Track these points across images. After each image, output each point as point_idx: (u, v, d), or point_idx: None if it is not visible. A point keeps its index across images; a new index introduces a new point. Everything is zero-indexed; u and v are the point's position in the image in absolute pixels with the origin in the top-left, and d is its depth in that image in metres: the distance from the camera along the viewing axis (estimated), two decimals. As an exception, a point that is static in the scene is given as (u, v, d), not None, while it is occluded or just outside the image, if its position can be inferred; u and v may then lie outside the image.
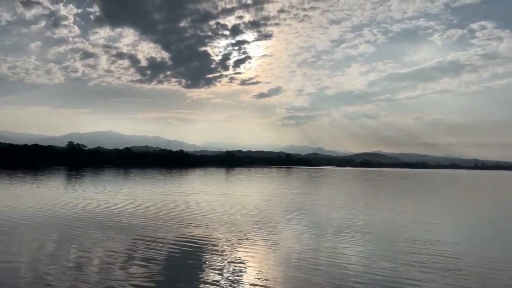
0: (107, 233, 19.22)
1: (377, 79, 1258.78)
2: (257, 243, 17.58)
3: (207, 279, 12.15)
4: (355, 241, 18.54)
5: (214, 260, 14.46)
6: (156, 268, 13.16)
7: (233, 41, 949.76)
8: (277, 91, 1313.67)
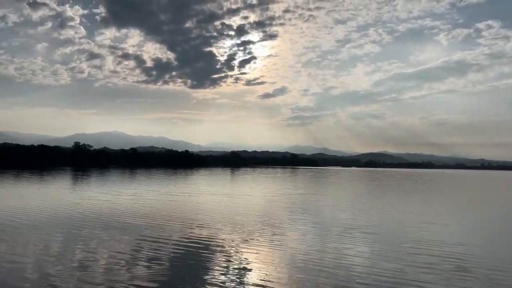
0: (111, 233, 19.24)
1: (382, 79, 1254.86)
2: (261, 244, 17.51)
3: (211, 280, 12.09)
4: (360, 241, 18.41)
5: (219, 260, 14.41)
6: (160, 269, 13.13)
7: (238, 41, 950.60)
8: (282, 91, 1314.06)
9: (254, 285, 11.77)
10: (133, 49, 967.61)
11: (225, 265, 13.83)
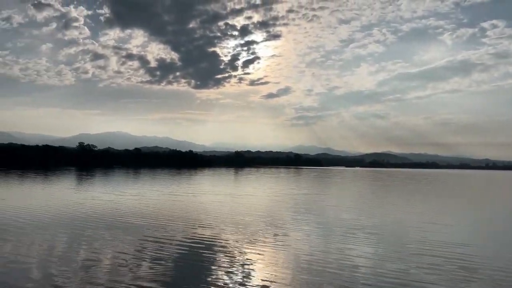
0: (115, 233, 19.27)
1: (386, 78, 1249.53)
2: (265, 244, 17.48)
3: (215, 280, 12.08)
4: (364, 242, 18.34)
5: (222, 261, 14.40)
6: (164, 269, 13.13)
7: (242, 41, 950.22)
8: (286, 91, 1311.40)
9: (257, 286, 11.75)
10: (137, 50, 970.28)
11: (228, 265, 13.81)
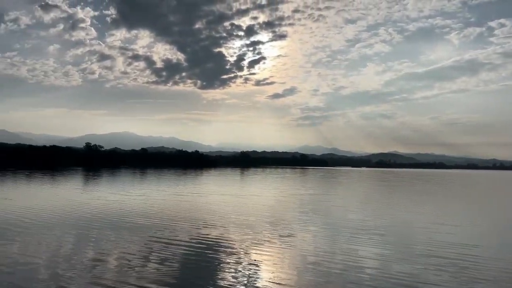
0: (121, 233, 19.27)
1: (393, 78, 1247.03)
2: (270, 245, 17.38)
3: (220, 281, 11.99)
4: (370, 243, 18.17)
5: (228, 261, 14.31)
6: (169, 270, 13.07)
7: (248, 41, 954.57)
8: (292, 91, 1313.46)
9: (263, 287, 11.65)
10: (143, 50, 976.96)
11: (234, 266, 13.73)
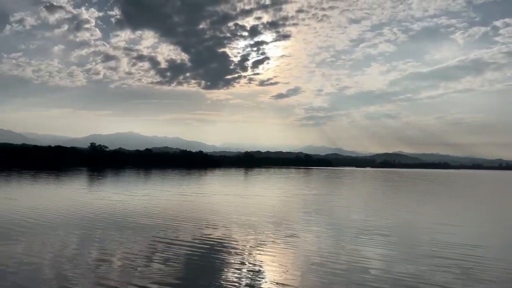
0: (124, 234, 19.31)
1: (397, 78, 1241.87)
2: (275, 245, 17.35)
3: (224, 281, 11.98)
4: (374, 243, 18.10)
5: (231, 261, 14.31)
6: (173, 270, 13.08)
7: (252, 42, 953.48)
8: (295, 91, 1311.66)
9: (266, 287, 11.64)
10: (147, 51, 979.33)
11: (237, 266, 13.72)
